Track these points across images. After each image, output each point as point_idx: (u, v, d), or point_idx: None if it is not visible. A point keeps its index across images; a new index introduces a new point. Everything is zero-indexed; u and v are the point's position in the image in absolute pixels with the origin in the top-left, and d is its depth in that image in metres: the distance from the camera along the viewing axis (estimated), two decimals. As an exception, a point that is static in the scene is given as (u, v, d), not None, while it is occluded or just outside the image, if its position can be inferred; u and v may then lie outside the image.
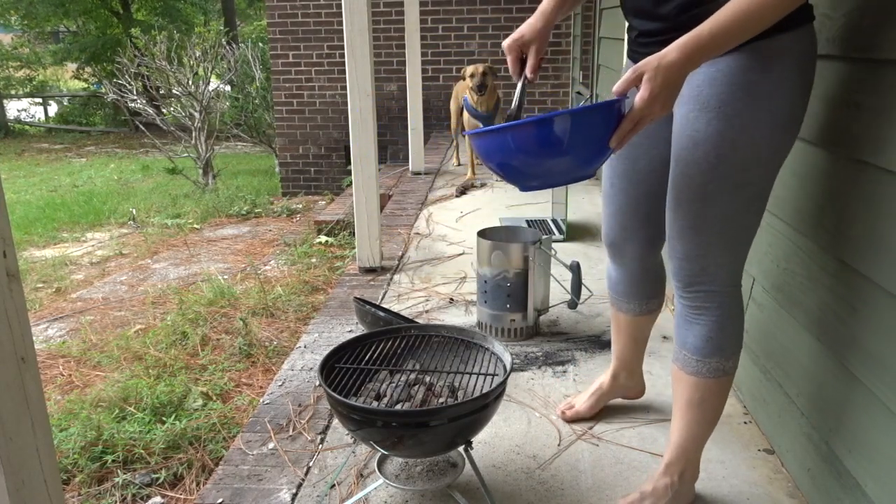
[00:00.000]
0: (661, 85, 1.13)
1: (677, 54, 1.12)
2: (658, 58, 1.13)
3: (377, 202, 3.27)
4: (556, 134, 1.16)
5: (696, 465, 1.59)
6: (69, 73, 17.47)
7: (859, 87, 1.37)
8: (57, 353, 3.40)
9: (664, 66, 1.12)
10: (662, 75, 1.12)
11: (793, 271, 1.70)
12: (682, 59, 1.12)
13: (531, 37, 1.44)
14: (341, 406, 1.46)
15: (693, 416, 1.52)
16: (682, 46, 1.12)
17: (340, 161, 7.88)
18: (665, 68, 1.12)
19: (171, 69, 8.01)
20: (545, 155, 1.18)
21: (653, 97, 1.13)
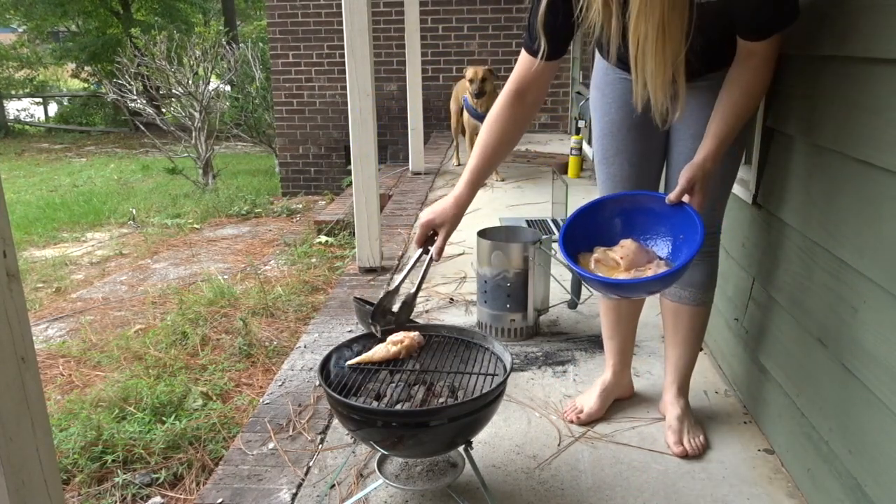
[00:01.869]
0: (708, 188, 1.49)
1: (713, 161, 1.47)
2: (700, 167, 1.45)
3: (377, 202, 3.27)
4: None
5: None
6: (69, 73, 17.46)
7: (859, 87, 1.37)
8: (57, 353, 3.40)
9: (708, 171, 1.47)
10: (709, 180, 1.48)
11: (793, 271, 1.70)
12: (716, 164, 1.48)
13: (441, 221, 1.56)
14: (341, 406, 1.46)
15: (695, 341, 1.89)
16: (714, 152, 1.46)
17: (340, 161, 7.88)
18: (709, 175, 1.47)
19: (171, 69, 8.00)
20: None
21: (706, 198, 1.48)
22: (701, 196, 1.45)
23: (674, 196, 1.46)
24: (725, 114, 1.45)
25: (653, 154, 1.78)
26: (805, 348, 1.62)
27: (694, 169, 1.45)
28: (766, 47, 1.43)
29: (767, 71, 1.47)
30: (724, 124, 1.45)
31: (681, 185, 1.45)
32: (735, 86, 1.45)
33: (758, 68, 1.45)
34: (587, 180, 5.23)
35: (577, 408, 2.00)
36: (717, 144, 1.46)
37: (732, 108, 1.45)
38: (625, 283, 1.43)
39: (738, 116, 1.46)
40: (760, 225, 1.89)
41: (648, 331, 2.59)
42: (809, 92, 1.58)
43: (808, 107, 1.58)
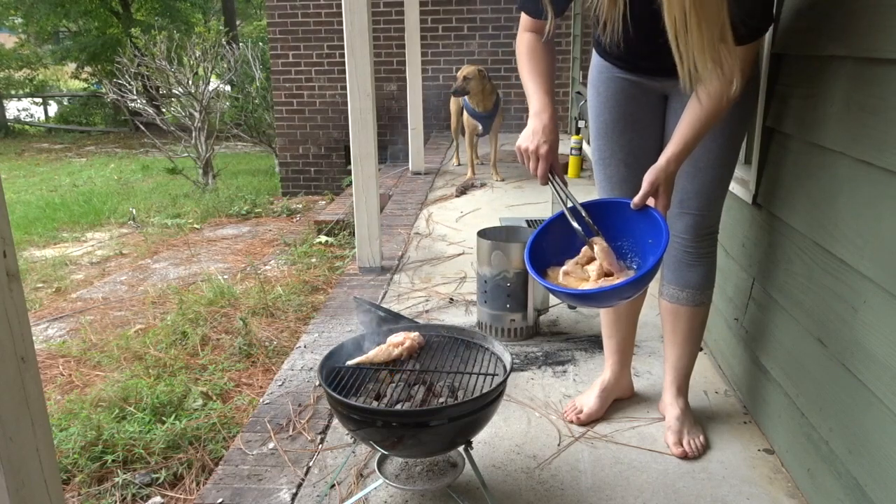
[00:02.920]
0: (671, 189, 1.50)
1: (675, 164, 1.48)
2: (663, 170, 1.46)
3: (377, 202, 3.27)
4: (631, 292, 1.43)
5: None
6: (69, 73, 17.46)
7: (859, 86, 1.37)
8: (57, 353, 3.40)
9: (670, 174, 1.47)
10: (671, 180, 1.48)
11: (793, 271, 1.70)
12: (678, 165, 1.49)
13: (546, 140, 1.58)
14: (341, 406, 1.46)
15: (694, 341, 1.90)
16: (677, 156, 1.48)
17: (340, 161, 7.88)
18: (672, 175, 1.48)
19: (171, 69, 8.00)
20: None
21: (669, 200, 1.49)
22: (665, 198, 1.45)
23: (638, 200, 1.46)
24: (692, 119, 1.47)
25: (648, 153, 1.75)
26: (805, 348, 1.62)
27: (657, 172, 1.45)
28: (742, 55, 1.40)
29: (723, 107, 1.48)
30: (689, 129, 1.47)
31: (644, 189, 1.45)
32: (704, 92, 1.44)
33: (715, 108, 1.46)
34: (587, 180, 5.23)
35: (577, 408, 1.99)
36: (680, 148, 1.47)
37: (699, 113, 1.46)
38: (593, 293, 1.41)
39: (703, 123, 1.47)
40: (760, 225, 1.89)
41: (648, 331, 2.59)
42: (809, 92, 1.58)
43: (808, 107, 1.58)
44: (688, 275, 1.81)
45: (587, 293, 1.42)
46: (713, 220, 1.77)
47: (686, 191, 1.73)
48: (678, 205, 1.75)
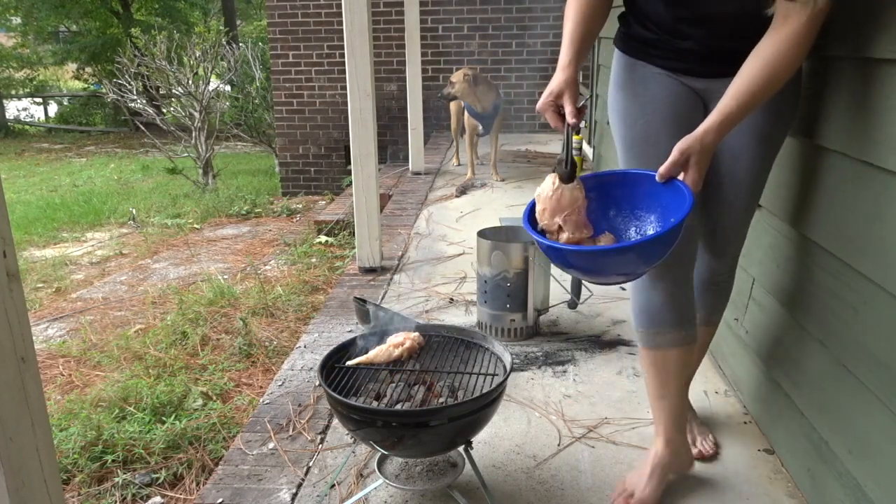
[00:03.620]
0: (706, 163, 1.27)
1: (714, 135, 1.25)
2: (699, 140, 1.25)
3: (377, 202, 3.27)
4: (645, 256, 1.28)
5: None
6: (69, 73, 17.46)
7: (861, 87, 1.37)
8: (57, 353, 3.40)
9: (707, 146, 1.25)
10: (706, 157, 1.26)
11: (793, 272, 1.70)
12: (716, 139, 1.26)
13: (559, 87, 1.43)
14: (341, 406, 1.46)
15: (699, 355, 1.84)
16: (717, 126, 1.25)
17: (340, 161, 7.87)
18: (708, 151, 1.26)
19: (171, 69, 8.00)
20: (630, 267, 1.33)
21: (702, 175, 1.26)
22: (696, 173, 1.25)
23: (664, 170, 1.27)
24: (739, 87, 1.25)
25: None
26: (805, 349, 1.62)
27: (690, 141, 1.25)
28: (799, 17, 1.21)
29: (796, 48, 1.23)
30: (734, 99, 1.25)
31: (673, 157, 1.25)
32: (757, 57, 1.24)
33: (787, 41, 1.22)
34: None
35: (627, 491, 1.62)
36: (721, 118, 1.26)
37: (749, 82, 1.25)
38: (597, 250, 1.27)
39: (752, 94, 1.25)
40: (761, 225, 1.89)
41: (648, 331, 2.59)
42: (810, 92, 1.58)
43: (810, 107, 1.58)
44: (704, 296, 1.72)
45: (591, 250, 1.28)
46: (737, 244, 1.67)
47: (714, 231, 1.61)
48: (704, 238, 1.62)
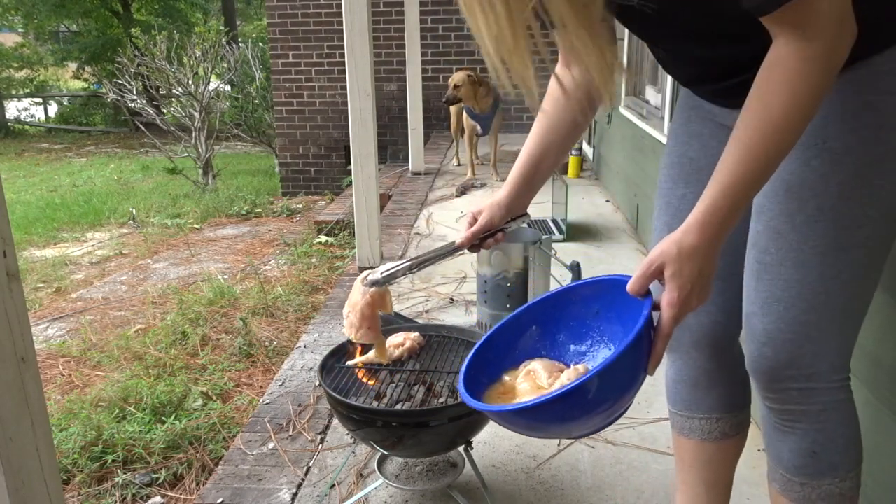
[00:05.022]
0: (689, 278, 0.89)
1: (697, 236, 0.89)
2: (676, 244, 0.90)
3: (377, 202, 3.27)
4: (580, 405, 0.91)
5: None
6: (69, 73, 17.47)
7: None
8: (57, 353, 3.40)
9: (686, 253, 0.89)
10: (689, 266, 0.89)
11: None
12: (703, 240, 0.89)
13: (483, 206, 1.20)
14: (341, 406, 1.46)
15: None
16: (699, 224, 0.89)
17: (340, 161, 7.87)
18: (689, 256, 0.89)
19: (171, 69, 8.00)
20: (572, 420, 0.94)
21: (685, 295, 0.89)
22: (674, 291, 0.89)
23: (631, 285, 0.93)
24: (724, 168, 0.89)
25: None
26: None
27: (664, 246, 0.90)
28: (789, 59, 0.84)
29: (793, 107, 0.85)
30: (719, 185, 0.89)
31: (641, 268, 0.92)
32: (743, 120, 0.88)
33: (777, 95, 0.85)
34: (587, 180, 5.24)
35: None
36: (704, 214, 0.89)
37: (736, 159, 0.88)
38: (505, 410, 0.95)
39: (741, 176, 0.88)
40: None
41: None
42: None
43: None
44: (777, 445, 1.10)
45: (506, 410, 0.95)
46: (792, 355, 1.03)
47: (749, 300, 1.08)
48: (745, 320, 1.10)
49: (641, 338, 0.90)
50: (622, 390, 0.93)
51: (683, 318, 0.92)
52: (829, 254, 0.98)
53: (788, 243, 1.00)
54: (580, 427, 0.97)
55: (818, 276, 0.99)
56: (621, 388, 0.93)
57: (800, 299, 1.01)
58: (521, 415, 0.93)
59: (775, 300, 1.03)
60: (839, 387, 1.04)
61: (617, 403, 0.94)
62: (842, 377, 1.04)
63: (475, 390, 1.03)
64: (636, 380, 0.94)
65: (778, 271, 1.02)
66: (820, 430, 1.05)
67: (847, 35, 0.83)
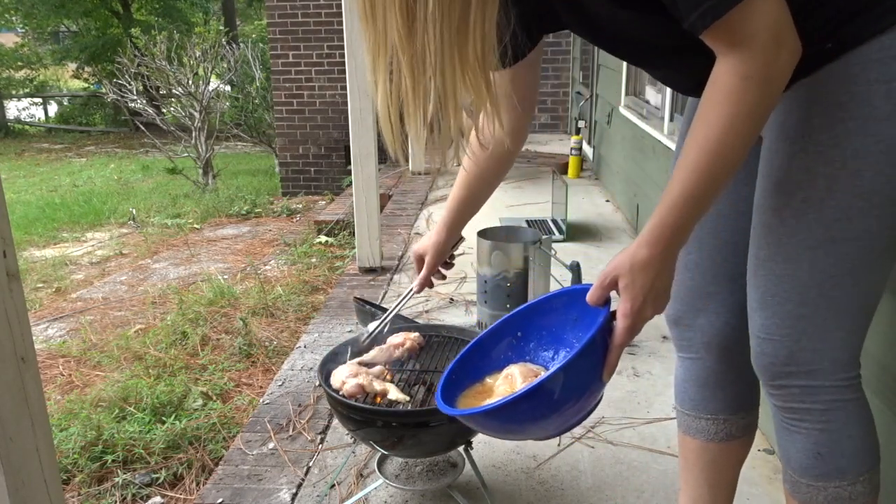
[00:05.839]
0: (642, 289, 0.92)
1: (648, 250, 0.92)
2: (630, 257, 0.93)
3: (377, 202, 3.27)
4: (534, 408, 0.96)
5: None
6: (69, 73, 17.47)
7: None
8: (57, 353, 3.40)
9: (638, 266, 0.92)
10: (641, 278, 0.92)
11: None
12: (654, 253, 0.91)
13: (423, 250, 1.38)
14: (341, 406, 1.46)
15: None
16: (648, 237, 0.92)
17: (340, 161, 7.87)
18: (641, 269, 0.92)
19: (171, 69, 8.00)
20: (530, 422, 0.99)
21: (638, 306, 0.92)
22: (628, 302, 0.93)
23: (590, 296, 0.98)
24: (672, 184, 0.91)
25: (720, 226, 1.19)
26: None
27: (618, 260, 0.94)
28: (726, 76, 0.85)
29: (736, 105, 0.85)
30: (668, 199, 0.90)
31: (598, 279, 0.96)
32: (690, 137, 0.90)
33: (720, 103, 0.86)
34: (587, 180, 5.23)
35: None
36: (652, 229, 0.92)
37: (682, 174, 0.89)
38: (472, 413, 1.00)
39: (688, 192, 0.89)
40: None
41: (648, 330, 2.59)
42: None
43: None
44: (785, 444, 1.09)
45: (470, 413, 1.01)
46: (790, 350, 1.02)
47: (749, 295, 1.08)
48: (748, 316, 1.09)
49: (595, 343, 0.93)
50: (580, 391, 0.97)
51: (639, 327, 0.94)
52: (819, 248, 0.97)
53: (778, 238, 1.00)
54: (546, 426, 1.00)
55: (808, 270, 0.98)
56: (579, 389, 0.96)
57: (794, 293, 1.00)
58: (487, 416, 0.98)
59: (770, 295, 1.02)
60: (845, 386, 1.02)
61: (579, 404, 0.98)
62: (848, 375, 1.02)
63: (454, 392, 1.10)
64: (594, 382, 0.97)
65: (770, 267, 1.02)
66: (823, 430, 1.03)
67: (785, 54, 0.84)
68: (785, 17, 0.83)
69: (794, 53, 0.85)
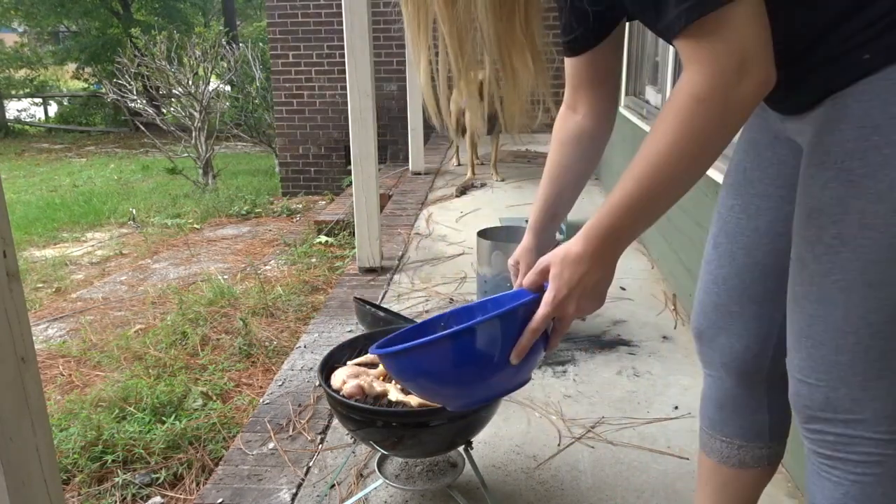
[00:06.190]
0: (568, 282, 0.91)
1: (580, 245, 0.91)
2: (564, 248, 0.93)
3: (377, 202, 3.27)
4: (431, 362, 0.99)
5: None
6: (69, 73, 17.47)
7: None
8: (57, 353, 3.40)
9: (570, 259, 0.91)
10: (569, 270, 0.91)
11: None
12: (587, 249, 0.90)
13: (517, 256, 1.23)
14: (341, 406, 1.46)
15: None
16: (584, 233, 0.91)
17: (340, 161, 7.88)
18: (571, 262, 0.91)
19: (171, 69, 8.00)
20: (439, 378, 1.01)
21: (560, 297, 0.91)
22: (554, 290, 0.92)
23: (525, 281, 0.99)
24: (616, 190, 0.89)
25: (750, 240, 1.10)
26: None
27: (559, 248, 0.95)
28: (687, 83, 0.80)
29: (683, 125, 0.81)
30: (609, 202, 0.89)
31: (534, 267, 0.98)
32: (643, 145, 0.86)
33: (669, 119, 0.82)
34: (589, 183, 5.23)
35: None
36: (588, 227, 0.91)
37: (631, 169, 0.87)
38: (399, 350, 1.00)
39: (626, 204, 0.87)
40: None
41: (648, 331, 2.59)
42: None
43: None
44: (812, 488, 1.00)
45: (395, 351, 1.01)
46: (826, 396, 0.92)
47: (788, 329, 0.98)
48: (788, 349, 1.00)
49: (515, 315, 0.94)
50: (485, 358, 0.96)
51: (562, 320, 0.94)
52: (854, 291, 0.86)
53: (810, 275, 0.90)
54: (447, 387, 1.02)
55: (843, 314, 0.87)
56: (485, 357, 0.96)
57: (828, 338, 0.90)
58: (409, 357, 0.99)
59: (804, 336, 0.93)
60: (887, 440, 0.90)
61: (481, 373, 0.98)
62: (891, 429, 0.90)
63: None
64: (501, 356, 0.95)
65: (804, 305, 0.92)
66: (856, 482, 0.93)
67: (749, 84, 0.77)
68: (759, 43, 0.77)
69: (760, 85, 0.78)
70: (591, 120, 1.16)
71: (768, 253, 1.06)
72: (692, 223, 2.67)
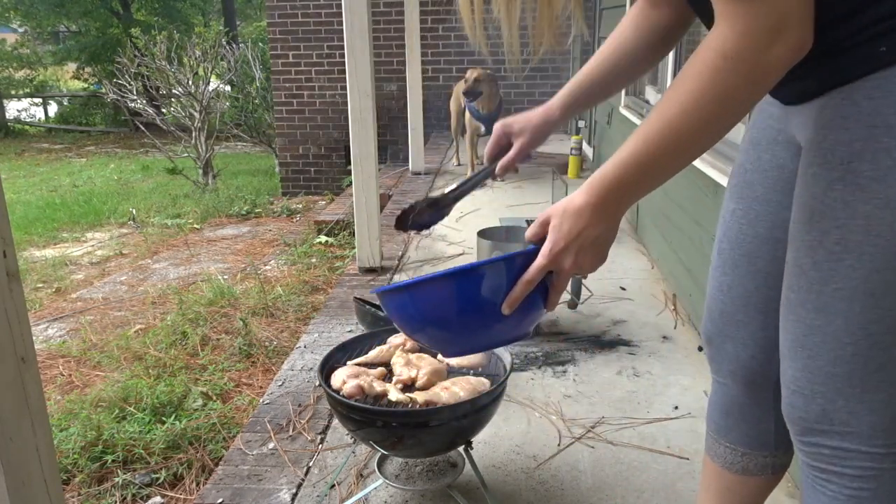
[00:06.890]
0: (567, 235, 0.87)
1: (583, 196, 0.87)
2: (566, 201, 0.90)
3: (377, 202, 3.27)
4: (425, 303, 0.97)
5: None
6: (69, 73, 17.47)
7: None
8: (57, 353, 3.40)
9: (570, 210, 0.88)
10: (569, 222, 0.88)
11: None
12: (590, 201, 0.87)
13: (520, 128, 1.18)
14: (341, 406, 1.46)
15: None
16: (587, 185, 0.88)
17: (340, 161, 7.88)
18: (572, 214, 0.88)
19: (171, 69, 8.00)
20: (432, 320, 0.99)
21: (557, 249, 0.88)
22: (550, 243, 0.89)
23: (528, 233, 0.94)
24: (635, 131, 0.85)
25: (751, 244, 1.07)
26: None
27: (562, 201, 0.92)
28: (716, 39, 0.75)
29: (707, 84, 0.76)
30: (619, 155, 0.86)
31: (537, 219, 0.93)
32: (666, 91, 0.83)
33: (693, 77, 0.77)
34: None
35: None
36: (597, 173, 0.88)
37: (645, 125, 0.84)
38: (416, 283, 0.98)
39: (638, 159, 0.84)
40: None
41: (648, 331, 2.59)
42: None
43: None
44: (808, 498, 0.97)
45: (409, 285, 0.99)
46: (822, 408, 0.89)
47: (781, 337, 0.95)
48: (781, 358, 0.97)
49: (513, 263, 0.92)
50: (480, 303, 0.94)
51: (559, 274, 0.91)
52: (856, 300, 0.82)
53: (809, 282, 0.86)
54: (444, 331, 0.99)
55: (843, 325, 0.84)
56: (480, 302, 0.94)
57: (825, 349, 0.86)
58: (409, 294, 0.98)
59: (800, 346, 0.90)
60: (883, 454, 0.88)
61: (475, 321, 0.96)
62: (888, 443, 0.87)
63: None
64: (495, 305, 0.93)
65: (801, 314, 0.89)
66: (851, 496, 0.90)
67: (780, 48, 0.72)
68: (801, 4, 0.71)
69: (793, 51, 0.73)
70: (671, 15, 1.06)
71: (770, 260, 1.03)
72: (692, 222, 2.67)
